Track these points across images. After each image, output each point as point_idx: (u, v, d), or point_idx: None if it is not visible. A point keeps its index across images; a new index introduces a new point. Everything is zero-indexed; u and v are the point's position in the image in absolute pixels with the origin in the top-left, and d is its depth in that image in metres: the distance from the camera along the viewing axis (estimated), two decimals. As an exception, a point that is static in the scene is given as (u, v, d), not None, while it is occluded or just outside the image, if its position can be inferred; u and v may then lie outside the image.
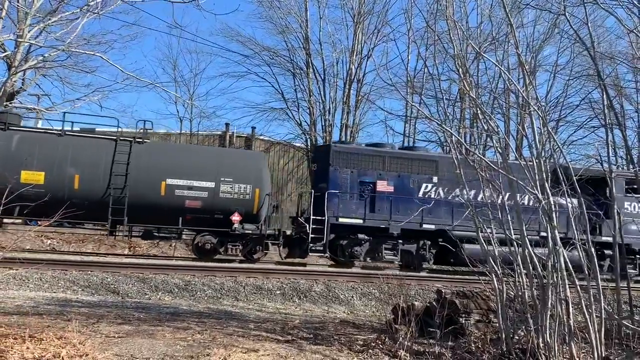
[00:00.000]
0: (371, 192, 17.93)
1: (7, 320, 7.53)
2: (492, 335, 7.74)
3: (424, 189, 18.34)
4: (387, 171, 18.25)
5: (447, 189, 18.32)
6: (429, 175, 18.44)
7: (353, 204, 17.67)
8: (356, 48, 29.73)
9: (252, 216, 16.77)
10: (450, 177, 18.16)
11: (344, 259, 17.75)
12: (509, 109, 9.80)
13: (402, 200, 17.86)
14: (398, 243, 17.80)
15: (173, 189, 16.00)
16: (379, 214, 17.79)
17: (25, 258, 12.06)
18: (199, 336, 7.52)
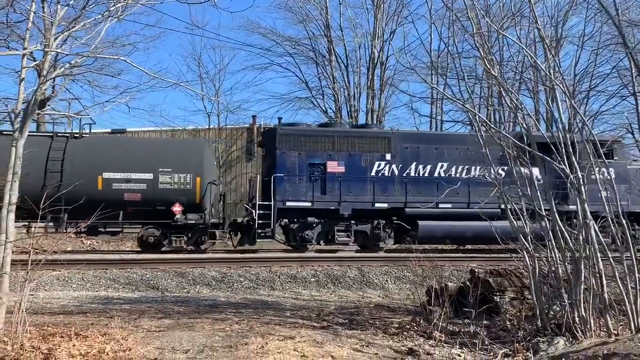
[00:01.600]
0: (321, 174, 17.49)
1: (53, 319, 7.86)
2: (527, 312, 7.75)
3: (376, 167, 17.88)
4: (338, 151, 17.74)
5: (402, 166, 17.95)
6: (381, 153, 17.98)
7: (302, 187, 17.27)
8: (377, 31, 29.55)
9: (195, 206, 16.37)
10: (403, 153, 17.97)
11: (295, 243, 17.43)
12: (537, 84, 9.68)
13: (353, 180, 17.49)
14: (351, 224, 17.40)
15: (110, 183, 15.70)
16: (330, 196, 17.38)
17: (66, 259, 12.47)
18: (236, 326, 7.72)
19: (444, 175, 17.88)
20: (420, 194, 17.68)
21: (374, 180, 17.56)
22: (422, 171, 17.95)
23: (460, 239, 18.12)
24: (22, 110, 7.41)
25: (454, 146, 18.27)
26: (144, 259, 14.54)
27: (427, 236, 17.45)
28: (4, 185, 6.95)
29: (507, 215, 7.74)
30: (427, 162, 18.02)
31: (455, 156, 18.13)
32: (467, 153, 17.91)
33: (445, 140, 18.88)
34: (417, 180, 17.83)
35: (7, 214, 6.85)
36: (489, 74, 7.89)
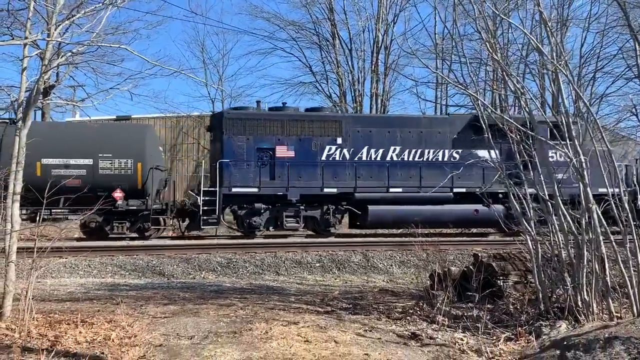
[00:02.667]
0: (270, 159, 17.12)
1: (60, 306, 7.96)
2: (530, 296, 7.77)
3: (327, 151, 17.51)
4: (287, 135, 17.34)
5: (353, 150, 17.61)
6: (332, 137, 17.59)
7: (250, 173, 16.86)
8: (381, 14, 29.32)
9: (138, 191, 16.15)
10: (355, 137, 17.67)
11: (243, 230, 17.26)
12: (542, 68, 9.61)
13: (303, 165, 17.19)
14: (300, 210, 17.08)
15: (49, 169, 15.27)
16: (279, 181, 17.04)
17: (72, 246, 12.58)
18: (241, 312, 7.79)
19: (397, 159, 17.74)
20: (372, 178, 17.52)
21: (324, 164, 17.23)
22: (374, 155, 17.69)
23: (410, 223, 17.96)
24: (25, 99, 7.44)
25: (407, 129, 18.05)
26: (150, 245, 14.65)
27: (377, 221, 17.38)
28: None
29: (510, 199, 7.73)
30: (380, 146, 17.77)
31: (408, 139, 17.94)
32: (421, 136, 17.99)
33: (398, 123, 18.54)
34: (369, 165, 17.60)
35: (11, 203, 6.91)
36: (492, 58, 7.83)
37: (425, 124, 18.42)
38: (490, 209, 17.40)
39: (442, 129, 18.19)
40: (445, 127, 18.24)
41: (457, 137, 18.01)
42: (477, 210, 17.28)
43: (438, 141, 17.99)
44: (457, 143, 17.98)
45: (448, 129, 18.13)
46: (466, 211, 17.38)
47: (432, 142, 17.97)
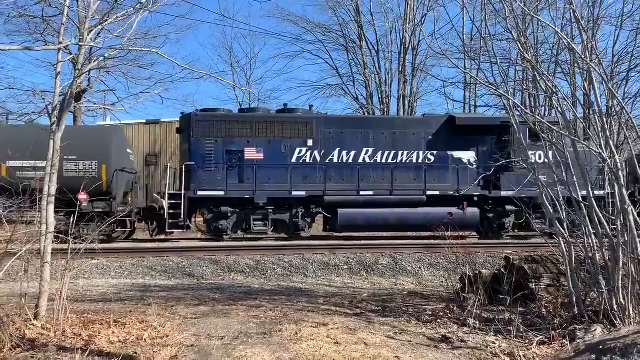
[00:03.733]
0: (239, 161, 16.85)
1: (93, 307, 8.09)
2: (563, 299, 7.64)
3: (297, 153, 17.22)
4: (256, 137, 17.04)
5: (324, 152, 17.30)
6: (303, 139, 17.29)
7: (218, 175, 16.58)
8: (409, 15, 29.17)
9: (103, 194, 15.92)
10: (327, 139, 17.34)
11: (211, 233, 17.01)
12: (573, 67, 9.45)
13: (272, 168, 16.87)
14: (268, 213, 16.77)
15: (15, 171, 15.16)
16: (247, 184, 16.73)
17: (105, 248, 12.79)
18: (270, 313, 7.81)
19: (370, 161, 17.45)
20: (344, 181, 17.26)
21: (294, 167, 16.98)
22: (346, 157, 17.38)
23: (382, 226, 17.77)
24: (59, 103, 7.60)
25: (380, 130, 17.76)
26: (181, 247, 14.82)
27: (347, 224, 17.11)
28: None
29: (543, 202, 7.57)
30: (352, 148, 17.46)
31: (381, 141, 17.64)
32: (394, 137, 17.66)
33: (371, 124, 18.27)
34: (340, 167, 17.32)
35: (47, 205, 7.06)
36: (523, 58, 7.71)
37: (399, 125, 18.13)
38: (466, 212, 17.40)
39: (416, 130, 17.88)
40: (420, 128, 17.94)
41: (432, 138, 17.75)
42: (451, 214, 17.11)
43: (412, 143, 17.70)
44: (432, 144, 17.74)
45: (423, 130, 17.83)
46: (440, 214, 16.99)
47: (406, 143, 17.68)
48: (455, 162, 17.56)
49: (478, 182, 17.24)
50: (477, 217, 17.45)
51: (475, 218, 17.44)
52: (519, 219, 17.63)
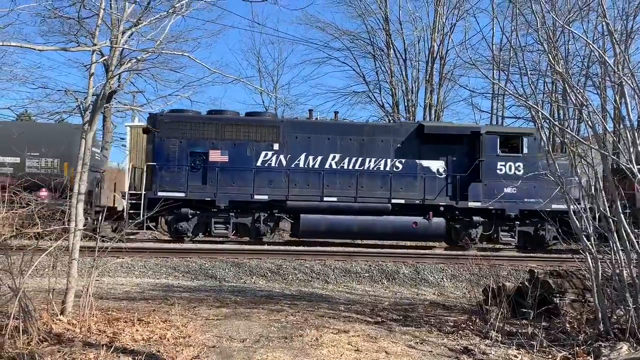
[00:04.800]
0: (203, 163, 16.66)
1: (117, 305, 8.21)
2: (588, 315, 7.51)
3: (263, 157, 17.06)
4: (222, 140, 16.90)
5: (290, 156, 17.16)
6: (268, 142, 17.13)
7: (181, 177, 16.36)
8: (437, 24, 29.08)
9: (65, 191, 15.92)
10: (293, 143, 17.15)
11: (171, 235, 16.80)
12: (604, 80, 9.33)
13: (235, 171, 16.67)
14: (230, 216, 16.56)
15: None
16: (210, 186, 16.48)
17: (130, 247, 12.96)
18: (291, 318, 7.84)
19: (336, 167, 17.28)
20: (309, 186, 17.10)
21: (258, 170, 16.83)
22: (313, 162, 17.24)
23: (346, 233, 17.45)
24: (92, 103, 7.75)
25: (348, 136, 17.53)
26: (203, 249, 14.94)
27: (309, 230, 16.92)
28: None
29: (570, 215, 7.46)
30: (319, 153, 17.31)
31: (349, 147, 17.44)
32: (362, 144, 17.47)
33: (339, 130, 17.94)
34: (305, 172, 17.15)
35: (76, 203, 7.20)
36: (554, 70, 7.64)
37: (368, 132, 17.89)
38: (431, 222, 17.19)
39: (385, 137, 17.69)
40: (389, 135, 17.75)
41: (401, 146, 17.59)
42: (416, 223, 16.99)
43: (380, 150, 17.53)
44: (400, 152, 17.57)
45: (392, 138, 17.65)
46: (404, 223, 16.97)
47: (374, 150, 17.53)
48: (423, 170, 17.45)
49: (446, 191, 17.24)
50: (442, 227, 17.27)
51: (441, 228, 17.26)
52: (486, 230, 17.47)
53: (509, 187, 16.26)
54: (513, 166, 17.36)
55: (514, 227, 17.45)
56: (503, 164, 17.37)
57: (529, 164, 16.97)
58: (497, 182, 16.83)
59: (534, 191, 16.88)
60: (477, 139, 17.40)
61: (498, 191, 16.49)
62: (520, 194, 16.68)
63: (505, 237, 17.49)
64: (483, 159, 17.24)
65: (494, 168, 17.24)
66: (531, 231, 17.58)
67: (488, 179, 17.19)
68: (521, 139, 17.53)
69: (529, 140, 17.47)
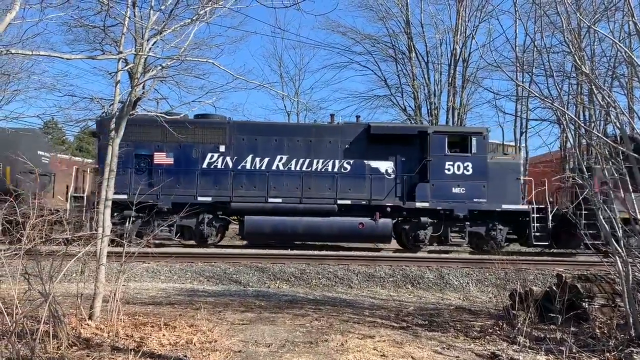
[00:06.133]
0: (148, 166, 16.67)
1: (144, 309, 8.29)
2: (618, 320, 7.37)
3: (209, 159, 17.06)
4: (167, 142, 16.77)
5: (237, 158, 17.16)
6: (215, 144, 17.16)
7: (125, 179, 15.81)
8: (460, 27, 28.90)
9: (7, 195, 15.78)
10: (239, 145, 17.02)
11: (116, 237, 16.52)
12: (631, 80, 9.16)
13: (180, 173, 16.53)
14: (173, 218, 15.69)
15: None
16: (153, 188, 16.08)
17: (156, 252, 13.10)
18: (316, 322, 7.83)
19: (283, 169, 17.23)
20: (255, 188, 17.04)
21: (203, 172, 16.78)
22: (259, 164, 17.22)
23: (291, 234, 17.31)
24: (118, 110, 7.86)
25: (295, 138, 17.48)
26: (228, 254, 15.05)
27: (254, 232, 16.87)
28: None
29: (599, 220, 7.33)
30: (265, 155, 17.29)
31: (296, 148, 17.38)
32: (310, 145, 17.37)
33: (286, 131, 17.91)
34: (251, 174, 17.12)
35: (104, 208, 7.30)
36: (579, 71, 7.54)
37: (316, 133, 17.81)
38: (378, 223, 17.03)
39: (333, 138, 17.62)
40: (337, 136, 17.65)
41: (349, 147, 17.51)
42: (362, 224, 16.83)
43: (328, 151, 17.47)
44: (349, 153, 17.47)
45: (340, 139, 17.56)
46: (351, 224, 16.85)
47: (322, 151, 17.47)
48: (371, 171, 17.36)
49: (395, 192, 17.10)
50: (389, 228, 17.14)
51: (388, 229, 17.13)
52: (436, 231, 17.28)
53: (457, 187, 16.69)
54: (462, 166, 17.28)
55: (464, 227, 17.31)
56: (451, 163, 17.31)
57: (478, 164, 17.00)
58: (445, 182, 17.02)
59: (483, 191, 16.85)
60: (425, 139, 17.31)
61: (446, 191, 16.84)
62: (469, 194, 16.91)
63: (455, 238, 17.34)
64: (431, 159, 17.21)
65: (441, 168, 17.21)
66: (482, 232, 17.39)
67: (436, 179, 17.17)
68: (470, 139, 17.42)
69: (478, 140, 17.40)
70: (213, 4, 7.95)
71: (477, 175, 17.08)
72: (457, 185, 16.88)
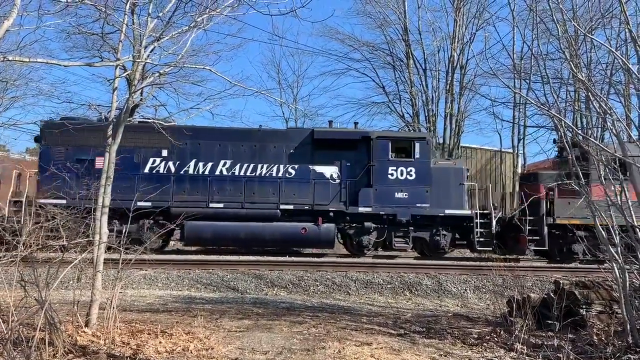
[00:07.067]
0: (89, 171, 15.60)
1: (141, 317, 8.27)
2: (616, 327, 7.36)
3: (151, 163, 16.91)
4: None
5: (179, 163, 17.05)
6: (157, 149, 16.95)
7: (65, 184, 14.94)
8: (457, 34, 28.98)
9: None
10: (182, 149, 16.74)
11: None
12: (628, 88, 9.21)
13: (121, 177, 15.26)
14: (113, 223, 15.35)
15: None
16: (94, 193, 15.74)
17: (154, 259, 13.07)
18: (314, 330, 7.81)
19: (227, 174, 17.16)
20: (198, 193, 16.92)
21: (144, 177, 16.42)
22: (202, 169, 17.12)
23: (233, 239, 17.14)
24: (115, 117, 7.87)
25: (239, 142, 17.37)
26: (225, 261, 15.02)
27: (194, 237, 16.70)
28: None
29: (596, 226, 7.34)
30: (209, 160, 17.19)
31: (240, 153, 17.30)
32: (254, 150, 17.32)
33: (230, 136, 17.76)
34: (194, 179, 17.01)
35: (100, 215, 7.29)
36: (576, 78, 7.56)
37: (260, 138, 17.73)
38: (320, 228, 16.98)
39: (278, 143, 17.55)
40: (282, 141, 17.59)
41: (294, 152, 17.45)
42: (305, 229, 16.80)
43: (273, 156, 17.40)
44: (294, 158, 17.44)
45: (285, 144, 17.51)
46: (293, 229, 16.77)
47: (267, 156, 17.41)
48: (316, 176, 17.33)
49: (340, 197, 17.19)
50: (332, 233, 17.06)
51: (330, 234, 17.06)
52: (380, 236, 17.29)
53: (400, 192, 16.84)
54: (405, 171, 17.29)
55: (408, 232, 17.28)
56: (394, 168, 17.31)
57: (421, 169, 17.09)
58: (389, 187, 17.07)
59: (426, 196, 16.90)
60: (369, 144, 17.33)
61: (389, 196, 16.87)
62: (412, 199, 16.97)
63: (400, 243, 17.28)
64: (374, 164, 17.20)
65: (385, 173, 17.22)
66: (426, 237, 17.38)
67: (379, 184, 17.18)
68: (413, 144, 17.41)
69: (421, 145, 17.41)
70: (210, 11, 7.97)
71: (420, 181, 17.12)
72: (400, 190, 16.97)
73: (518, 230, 16.95)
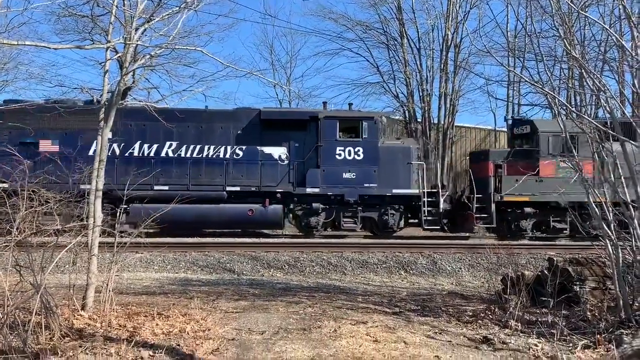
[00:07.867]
0: (33, 154, 15.59)
1: (137, 299, 8.30)
2: (609, 303, 7.44)
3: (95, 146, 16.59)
4: (53, 129, 16.33)
5: (124, 145, 16.89)
6: None
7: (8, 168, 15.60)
8: (451, 12, 28.79)
9: None
10: (127, 131, 16.74)
11: None
12: (622, 65, 9.16)
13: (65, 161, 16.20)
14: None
15: None
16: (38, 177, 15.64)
17: (149, 242, 13.07)
18: (310, 309, 7.87)
19: (173, 155, 17.07)
20: (142, 175, 15.85)
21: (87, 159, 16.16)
22: (148, 151, 17.01)
23: (179, 222, 16.47)
24: (107, 100, 7.81)
25: (185, 124, 16.83)
26: (221, 243, 15.06)
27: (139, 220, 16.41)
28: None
29: (589, 203, 7.36)
30: (154, 141, 17.04)
31: (186, 134, 17.16)
32: (201, 131, 17.25)
33: (176, 117, 16.60)
34: (140, 160, 16.73)
35: (94, 199, 7.28)
36: (570, 55, 7.53)
37: (206, 119, 17.57)
38: (267, 210, 17.01)
39: (225, 124, 17.43)
40: (229, 122, 17.47)
41: (241, 132, 17.35)
42: (252, 210, 16.82)
43: (220, 137, 17.29)
44: (241, 139, 17.34)
45: (232, 125, 17.39)
46: (240, 211, 16.78)
47: (213, 137, 17.29)
48: (264, 157, 17.26)
49: (288, 178, 17.29)
50: (279, 215, 17.07)
51: (277, 215, 17.07)
52: (329, 217, 17.37)
53: (348, 173, 16.89)
54: (353, 151, 17.25)
55: (356, 213, 17.32)
56: (342, 149, 17.27)
57: (368, 149, 17.09)
58: (336, 167, 17.05)
59: (374, 176, 16.98)
60: (317, 124, 17.28)
61: (337, 177, 16.89)
62: (359, 179, 16.99)
63: (348, 223, 17.34)
64: (322, 144, 17.15)
65: (332, 153, 17.17)
66: (375, 216, 17.45)
67: (327, 165, 17.14)
68: (361, 123, 17.32)
69: (369, 125, 17.34)
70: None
71: (367, 160, 17.09)
72: (348, 171, 16.94)
73: (468, 209, 17.12)
